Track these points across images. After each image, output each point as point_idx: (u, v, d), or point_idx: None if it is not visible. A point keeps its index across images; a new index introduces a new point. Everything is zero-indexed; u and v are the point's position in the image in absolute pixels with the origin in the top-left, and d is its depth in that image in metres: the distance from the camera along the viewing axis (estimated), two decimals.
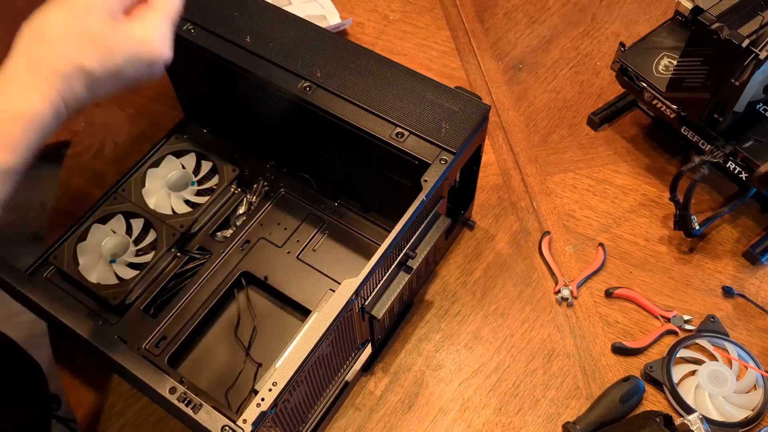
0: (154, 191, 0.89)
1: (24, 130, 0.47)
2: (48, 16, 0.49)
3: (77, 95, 0.49)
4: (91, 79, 0.49)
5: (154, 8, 0.53)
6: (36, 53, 0.48)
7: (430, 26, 1.15)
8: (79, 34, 0.48)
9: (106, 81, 0.50)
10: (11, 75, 0.48)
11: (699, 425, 0.72)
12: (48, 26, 0.49)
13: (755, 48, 0.74)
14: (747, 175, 0.84)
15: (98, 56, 0.49)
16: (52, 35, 0.48)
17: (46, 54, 0.48)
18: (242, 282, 0.85)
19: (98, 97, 0.51)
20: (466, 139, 0.73)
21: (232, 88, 0.86)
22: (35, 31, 0.49)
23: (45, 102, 0.48)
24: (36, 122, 0.48)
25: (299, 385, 0.65)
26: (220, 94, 0.89)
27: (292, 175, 0.93)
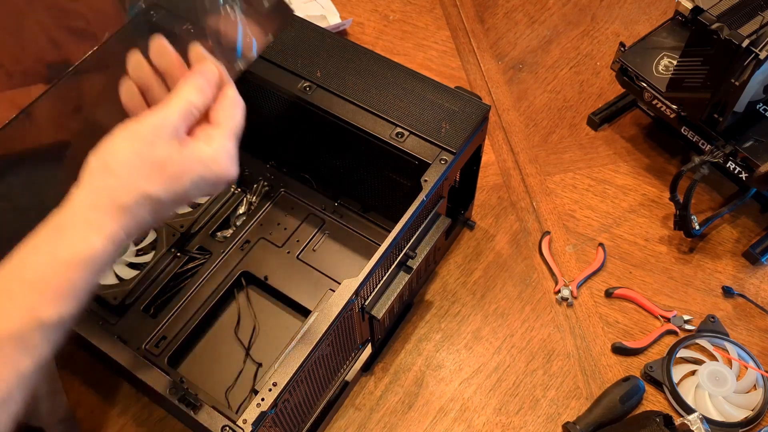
0: None
1: (83, 275, 0.45)
2: (115, 145, 0.47)
3: (141, 223, 0.48)
4: (157, 205, 0.47)
5: (219, 126, 0.50)
6: (101, 186, 0.46)
7: (430, 26, 1.15)
8: (147, 162, 0.47)
9: (172, 205, 0.49)
10: (74, 213, 0.46)
11: (699, 425, 0.72)
12: (115, 155, 0.47)
13: (755, 48, 0.74)
14: (747, 175, 0.84)
15: (165, 182, 0.47)
16: (120, 165, 0.46)
17: (113, 186, 0.46)
18: (242, 282, 0.85)
19: (162, 220, 0.50)
20: (466, 139, 0.73)
21: None
22: (102, 162, 0.47)
23: (107, 240, 0.46)
24: (97, 264, 0.46)
25: (299, 385, 0.65)
26: None
27: (292, 175, 0.93)
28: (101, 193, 0.46)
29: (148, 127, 0.47)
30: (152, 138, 0.47)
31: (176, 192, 0.48)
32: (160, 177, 0.47)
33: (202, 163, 0.48)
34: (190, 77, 0.50)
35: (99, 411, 0.80)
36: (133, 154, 0.47)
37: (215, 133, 0.50)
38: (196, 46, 0.52)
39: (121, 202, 0.46)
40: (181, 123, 0.48)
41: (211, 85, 0.51)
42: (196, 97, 0.49)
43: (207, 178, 0.49)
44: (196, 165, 0.48)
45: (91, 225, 0.46)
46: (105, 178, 0.46)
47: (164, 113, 0.48)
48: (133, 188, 0.46)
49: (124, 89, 0.52)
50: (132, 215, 0.46)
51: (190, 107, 0.49)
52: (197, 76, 0.50)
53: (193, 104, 0.49)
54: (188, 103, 0.49)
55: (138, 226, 0.47)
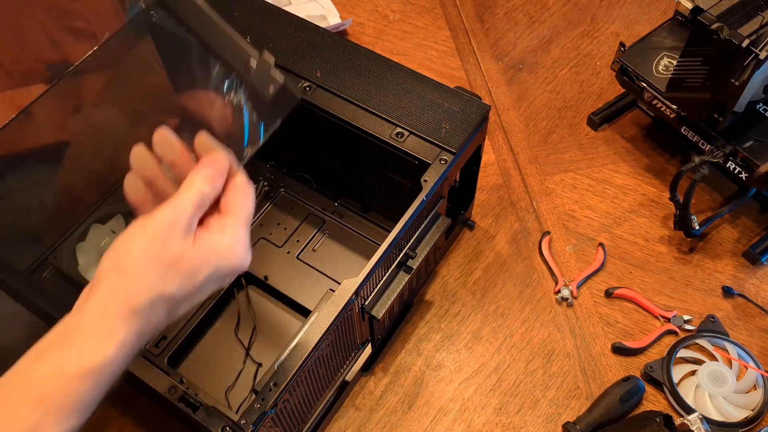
0: None
1: (92, 386, 0.44)
2: (128, 245, 0.46)
3: (156, 324, 0.46)
4: (172, 304, 0.46)
5: (232, 215, 0.49)
6: (114, 290, 0.45)
7: (430, 26, 1.15)
8: (162, 261, 0.45)
9: (187, 302, 0.47)
10: (84, 320, 0.44)
11: (699, 425, 0.72)
12: (128, 256, 0.45)
13: (755, 48, 0.74)
14: (747, 175, 0.84)
15: (181, 280, 0.46)
16: (133, 266, 0.45)
17: (126, 289, 0.45)
18: (242, 282, 0.85)
19: (176, 317, 0.48)
20: (466, 139, 0.73)
21: None
22: (114, 263, 0.45)
23: (119, 347, 0.44)
24: (107, 373, 0.44)
25: (299, 385, 0.65)
26: None
27: (292, 175, 0.93)
28: (114, 297, 0.44)
29: (161, 223, 0.46)
30: (166, 235, 0.45)
31: (192, 289, 0.46)
32: (176, 275, 0.45)
33: (217, 255, 0.47)
34: (201, 168, 0.49)
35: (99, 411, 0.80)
36: (147, 253, 0.45)
37: (228, 222, 0.49)
38: (203, 135, 0.51)
39: (135, 306, 0.44)
40: (195, 216, 0.47)
41: (221, 174, 0.49)
42: (208, 187, 0.48)
43: (222, 270, 0.47)
44: (211, 258, 0.47)
45: (101, 332, 0.44)
46: (118, 280, 0.45)
47: (177, 208, 0.46)
48: (148, 289, 0.45)
49: (129, 184, 0.50)
50: (146, 317, 0.45)
51: (202, 199, 0.48)
52: (207, 167, 0.49)
53: (205, 195, 0.48)
54: (200, 194, 0.47)
55: (152, 328, 0.46)
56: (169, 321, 0.47)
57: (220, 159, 0.50)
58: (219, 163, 0.50)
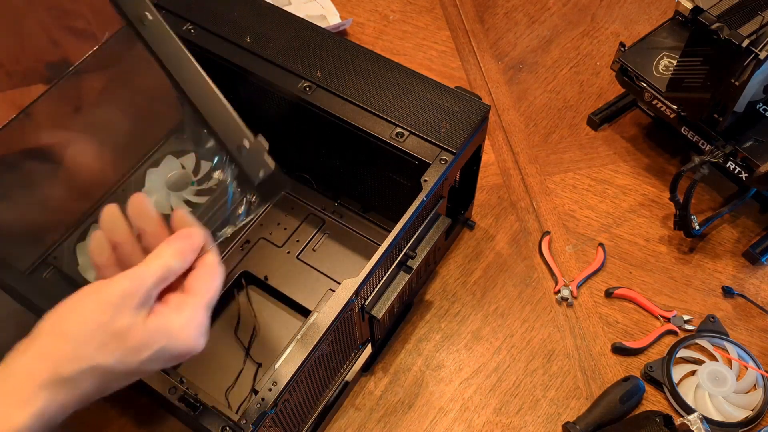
0: (154, 191, 0.89)
1: None
2: (75, 308, 0.44)
3: (82, 397, 0.43)
4: (107, 377, 0.43)
5: (194, 295, 0.47)
6: (47, 352, 0.42)
7: (430, 26, 1.15)
8: (106, 331, 0.43)
9: (124, 378, 0.45)
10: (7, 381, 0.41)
11: (699, 425, 0.72)
12: (72, 320, 0.43)
13: (755, 48, 0.74)
14: (747, 175, 0.84)
15: (122, 354, 0.43)
16: (74, 331, 0.42)
17: (60, 353, 0.42)
18: (242, 282, 0.85)
19: (109, 392, 0.45)
20: (466, 139, 0.73)
21: (231, 88, 0.86)
22: (55, 325, 0.43)
23: (35, 419, 0.40)
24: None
25: (299, 385, 0.65)
26: None
27: (292, 175, 0.93)
28: (43, 360, 0.42)
29: (116, 292, 0.44)
30: (118, 304, 0.43)
31: (132, 365, 0.44)
32: (117, 348, 0.43)
33: (168, 335, 0.45)
34: (173, 240, 0.47)
35: (99, 411, 0.80)
36: (93, 320, 0.43)
37: (189, 301, 0.47)
38: (181, 210, 0.50)
39: (64, 374, 0.41)
40: (154, 289, 0.45)
41: (193, 250, 0.48)
42: (176, 262, 0.47)
43: (170, 351, 0.45)
44: (160, 337, 0.44)
45: (18, 398, 0.40)
46: (53, 342, 0.42)
47: (136, 279, 0.45)
48: (83, 358, 0.42)
49: (94, 241, 0.48)
50: (73, 388, 0.42)
51: (167, 273, 0.46)
52: (180, 240, 0.48)
53: (171, 270, 0.46)
54: (166, 268, 0.46)
55: (78, 401, 0.43)
56: (100, 395, 0.44)
57: (195, 235, 0.49)
58: (193, 239, 0.48)
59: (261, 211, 0.53)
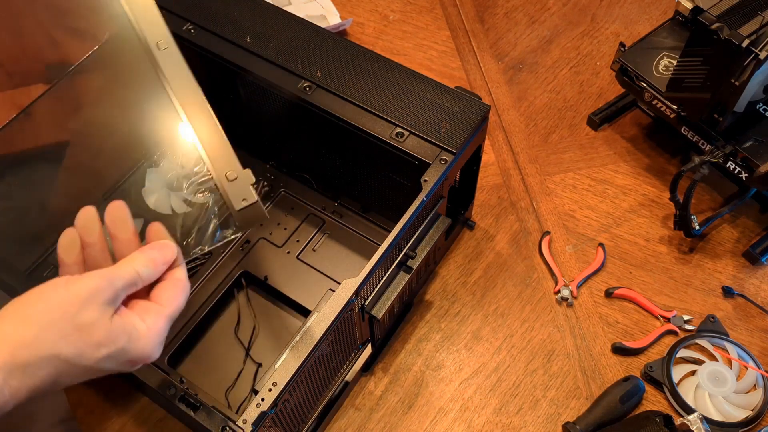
0: (154, 191, 0.89)
1: None
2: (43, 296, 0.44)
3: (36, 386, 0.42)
4: (63, 369, 0.43)
5: (158, 305, 0.48)
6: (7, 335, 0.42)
7: (430, 26, 1.15)
8: (70, 322, 0.43)
9: (79, 374, 0.45)
10: None
11: (699, 425, 0.72)
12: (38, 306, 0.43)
13: (755, 48, 0.74)
14: (747, 175, 0.84)
15: (82, 347, 0.43)
16: (39, 317, 0.43)
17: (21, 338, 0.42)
18: (242, 282, 0.85)
19: (60, 386, 0.45)
20: (466, 139, 0.73)
21: (232, 88, 0.86)
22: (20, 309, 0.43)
23: None
24: None
25: (299, 385, 0.65)
26: (220, 94, 0.89)
27: (292, 175, 0.93)
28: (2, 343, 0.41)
29: (88, 286, 0.45)
30: (87, 299, 0.44)
31: (89, 360, 0.44)
32: (79, 340, 0.43)
33: (129, 337, 0.46)
34: (147, 249, 0.49)
35: (99, 411, 0.80)
36: (59, 309, 0.43)
37: (153, 309, 0.48)
38: (157, 224, 0.51)
39: (21, 359, 0.41)
40: (123, 292, 0.46)
41: (165, 262, 0.49)
42: (147, 270, 0.48)
43: (128, 353, 0.46)
44: (122, 337, 0.45)
45: None
46: (15, 326, 0.42)
47: (107, 278, 0.46)
48: (42, 346, 0.42)
49: (66, 237, 0.49)
50: (27, 375, 0.42)
51: (137, 279, 0.47)
52: (153, 250, 0.49)
53: (140, 277, 0.48)
54: (136, 274, 0.47)
55: (29, 390, 0.42)
56: (51, 389, 0.44)
57: (168, 248, 0.50)
58: (165, 251, 0.50)
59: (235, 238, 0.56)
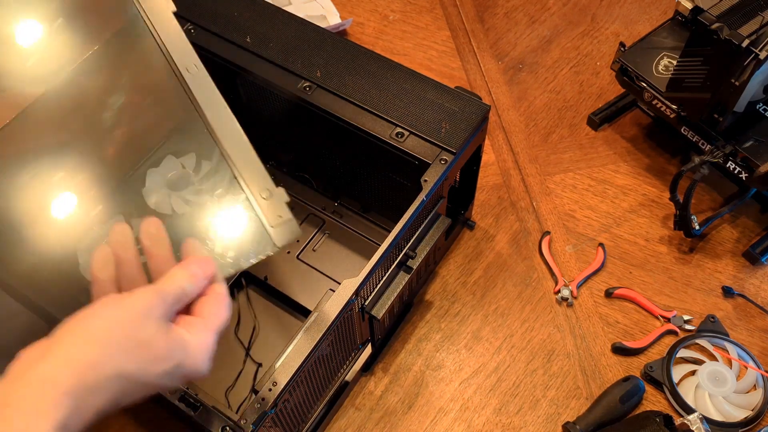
0: (154, 191, 0.89)
1: None
2: (100, 314, 0.43)
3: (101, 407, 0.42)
4: (127, 386, 0.43)
5: (204, 320, 0.48)
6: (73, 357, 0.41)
7: (430, 26, 1.15)
8: (133, 338, 0.43)
9: (139, 390, 0.44)
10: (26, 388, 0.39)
11: (699, 425, 0.72)
12: (98, 326, 0.42)
13: (755, 48, 0.74)
14: (747, 175, 0.84)
15: (145, 363, 0.43)
16: (102, 336, 0.42)
17: (87, 358, 0.41)
18: (242, 282, 0.85)
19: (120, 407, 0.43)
20: (466, 139, 0.73)
21: (231, 88, 0.86)
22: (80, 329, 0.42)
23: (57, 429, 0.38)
24: None
25: (299, 385, 0.65)
26: None
27: (292, 175, 0.93)
28: (69, 366, 0.40)
29: (142, 302, 0.44)
30: (145, 315, 0.44)
31: (150, 376, 0.43)
32: (141, 356, 0.43)
33: (184, 352, 0.45)
34: (187, 264, 0.48)
35: None
36: (120, 326, 0.43)
37: (199, 324, 0.47)
38: (193, 240, 0.51)
39: (89, 380, 0.40)
40: (172, 307, 0.46)
41: (205, 277, 0.49)
42: (190, 285, 0.47)
43: (184, 367, 0.45)
44: (178, 351, 0.45)
45: (40, 408, 0.38)
46: (80, 347, 0.41)
47: (159, 293, 0.45)
48: (108, 365, 0.41)
49: (100, 255, 0.49)
50: (95, 396, 0.41)
51: (183, 294, 0.47)
52: (194, 265, 0.48)
53: (185, 292, 0.47)
54: (182, 289, 0.47)
55: (96, 411, 0.41)
56: (112, 411, 0.43)
57: (208, 262, 0.49)
58: (206, 266, 0.49)
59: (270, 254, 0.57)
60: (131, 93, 1.04)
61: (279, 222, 0.54)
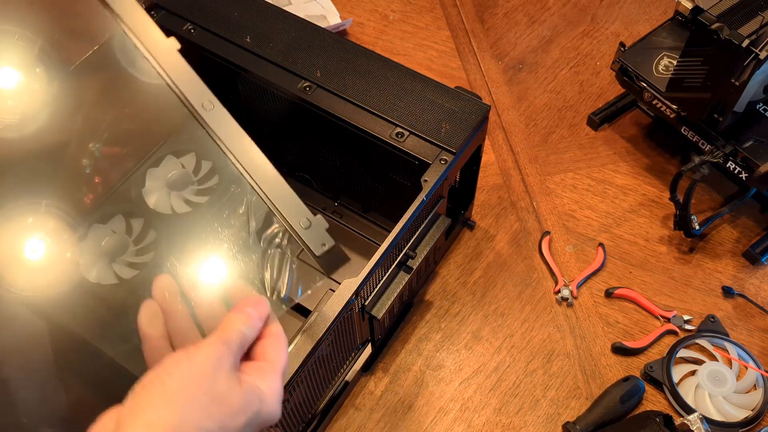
0: (154, 191, 0.89)
1: None
2: (173, 373, 0.42)
3: None
4: None
5: (270, 364, 0.46)
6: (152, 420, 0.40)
7: (430, 26, 1.15)
8: (208, 395, 0.41)
9: None
10: None
11: (699, 425, 0.72)
12: (174, 386, 0.41)
13: (755, 48, 0.74)
14: (747, 175, 0.84)
15: (223, 418, 0.41)
16: (181, 396, 0.41)
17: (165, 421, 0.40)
18: None
19: None
20: (466, 139, 0.73)
21: (231, 88, 0.86)
22: (157, 390, 0.41)
23: None
24: None
25: (299, 385, 0.65)
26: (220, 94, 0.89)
27: (292, 175, 0.93)
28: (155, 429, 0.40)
29: (210, 356, 0.43)
30: (215, 368, 0.42)
31: (231, 430, 0.42)
32: (219, 413, 0.41)
33: (260, 400, 0.44)
34: (242, 307, 0.47)
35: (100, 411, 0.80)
36: (194, 386, 0.41)
37: (267, 368, 0.45)
38: (241, 282, 0.49)
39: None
40: (238, 355, 0.44)
41: (261, 319, 0.47)
42: (248, 330, 0.46)
43: (261, 416, 0.44)
44: (254, 401, 0.43)
45: None
46: (159, 410, 0.40)
47: (225, 343, 0.44)
48: (190, 426, 0.40)
49: (147, 311, 0.48)
50: None
51: (244, 339, 0.45)
52: (249, 307, 0.47)
53: (246, 337, 0.45)
54: (242, 334, 0.45)
55: None
56: None
57: (261, 303, 0.47)
58: (260, 307, 0.47)
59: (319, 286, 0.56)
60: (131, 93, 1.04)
61: (324, 250, 0.53)
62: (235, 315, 0.46)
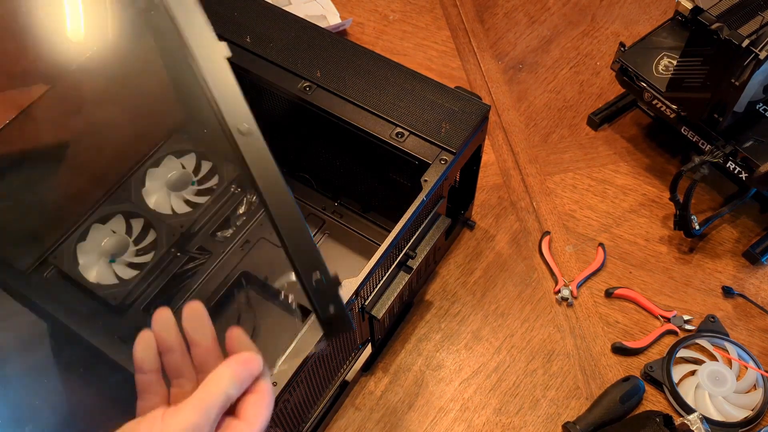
0: (154, 191, 0.89)
1: None
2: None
3: None
4: None
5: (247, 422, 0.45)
6: None
7: (430, 26, 1.15)
8: None
9: None
10: None
11: (699, 425, 0.72)
12: None
13: (755, 48, 0.74)
14: (747, 175, 0.84)
15: None
16: None
17: None
18: (242, 282, 0.85)
19: None
20: (466, 139, 0.73)
21: None
22: None
23: None
24: None
25: (299, 384, 0.65)
26: None
27: (292, 175, 0.93)
28: None
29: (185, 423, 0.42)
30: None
31: None
32: None
33: None
34: (232, 364, 0.45)
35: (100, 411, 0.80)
36: None
37: (243, 429, 0.45)
38: (238, 330, 0.48)
39: None
40: (216, 420, 0.44)
41: (251, 377, 0.46)
42: (234, 389, 0.45)
43: None
44: None
45: None
46: None
47: (204, 409, 0.43)
48: None
49: (142, 342, 0.47)
50: None
51: (227, 401, 0.44)
52: (239, 365, 0.45)
53: (230, 398, 0.44)
54: (226, 396, 0.44)
55: None
56: None
57: (254, 361, 0.46)
58: (251, 365, 0.46)
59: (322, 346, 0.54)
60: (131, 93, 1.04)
61: (331, 313, 0.49)
62: (224, 372, 0.45)
